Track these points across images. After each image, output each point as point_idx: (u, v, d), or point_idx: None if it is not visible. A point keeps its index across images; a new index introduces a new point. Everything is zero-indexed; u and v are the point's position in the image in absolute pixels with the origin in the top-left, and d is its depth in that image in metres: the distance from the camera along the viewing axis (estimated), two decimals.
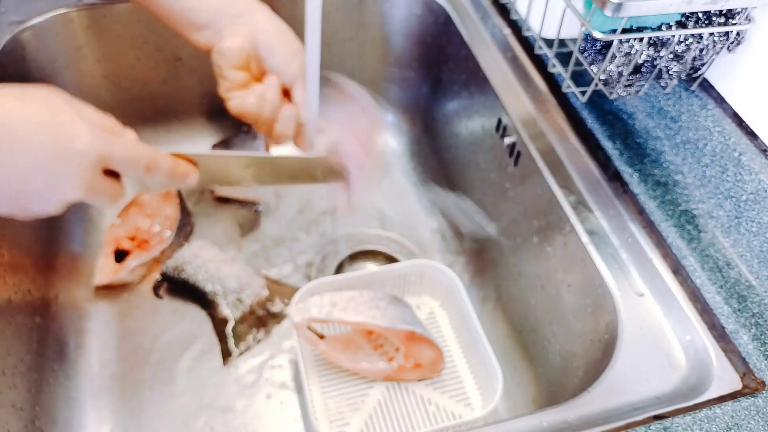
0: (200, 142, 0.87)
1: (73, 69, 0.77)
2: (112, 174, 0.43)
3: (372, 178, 0.56)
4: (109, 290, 0.73)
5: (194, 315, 0.72)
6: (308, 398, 0.60)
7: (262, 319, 0.71)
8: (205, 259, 0.72)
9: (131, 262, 0.73)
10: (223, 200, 0.82)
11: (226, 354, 0.69)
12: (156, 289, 0.74)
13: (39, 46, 0.73)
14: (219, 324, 0.70)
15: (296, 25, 0.57)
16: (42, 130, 0.38)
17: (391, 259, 0.78)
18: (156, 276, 0.74)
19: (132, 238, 0.75)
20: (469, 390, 0.66)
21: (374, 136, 0.56)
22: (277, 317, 0.72)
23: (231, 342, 0.69)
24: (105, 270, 0.73)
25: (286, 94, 0.55)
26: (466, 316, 0.66)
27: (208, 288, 0.71)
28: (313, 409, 0.61)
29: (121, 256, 0.74)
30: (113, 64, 0.79)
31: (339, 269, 0.77)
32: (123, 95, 0.82)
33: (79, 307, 0.71)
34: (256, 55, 0.53)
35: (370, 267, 0.78)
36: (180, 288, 0.73)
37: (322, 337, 0.62)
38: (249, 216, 0.82)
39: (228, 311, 0.70)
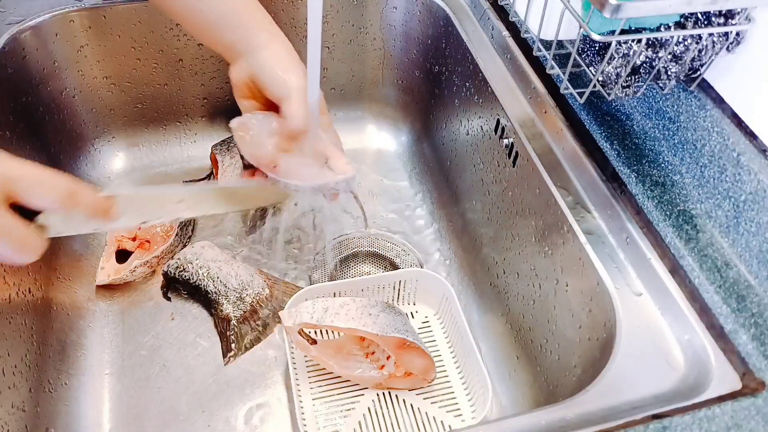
0: (201, 142, 0.87)
1: (73, 69, 0.77)
2: (20, 213, 0.35)
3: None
4: (110, 289, 0.73)
5: (195, 314, 0.72)
6: (296, 403, 0.60)
7: (263, 318, 0.71)
8: (207, 258, 0.73)
9: (133, 262, 0.73)
10: None
11: (227, 353, 0.69)
12: (164, 289, 0.74)
13: (39, 46, 0.73)
14: (220, 323, 0.70)
15: (297, 27, 0.57)
16: None
17: (388, 260, 0.78)
18: (161, 279, 0.74)
19: (134, 238, 0.76)
20: (459, 400, 0.66)
21: None
22: (279, 316, 0.72)
23: (232, 341, 0.69)
24: (107, 270, 0.73)
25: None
26: (459, 326, 0.66)
27: (210, 287, 0.71)
28: (301, 414, 0.61)
29: (122, 255, 0.74)
30: (114, 65, 0.79)
31: (336, 271, 0.77)
32: (124, 96, 0.83)
33: (80, 306, 0.72)
34: (257, 86, 0.54)
35: (367, 269, 0.78)
36: (182, 287, 0.73)
37: (313, 342, 0.62)
38: (251, 215, 0.82)
39: (229, 310, 0.70)
